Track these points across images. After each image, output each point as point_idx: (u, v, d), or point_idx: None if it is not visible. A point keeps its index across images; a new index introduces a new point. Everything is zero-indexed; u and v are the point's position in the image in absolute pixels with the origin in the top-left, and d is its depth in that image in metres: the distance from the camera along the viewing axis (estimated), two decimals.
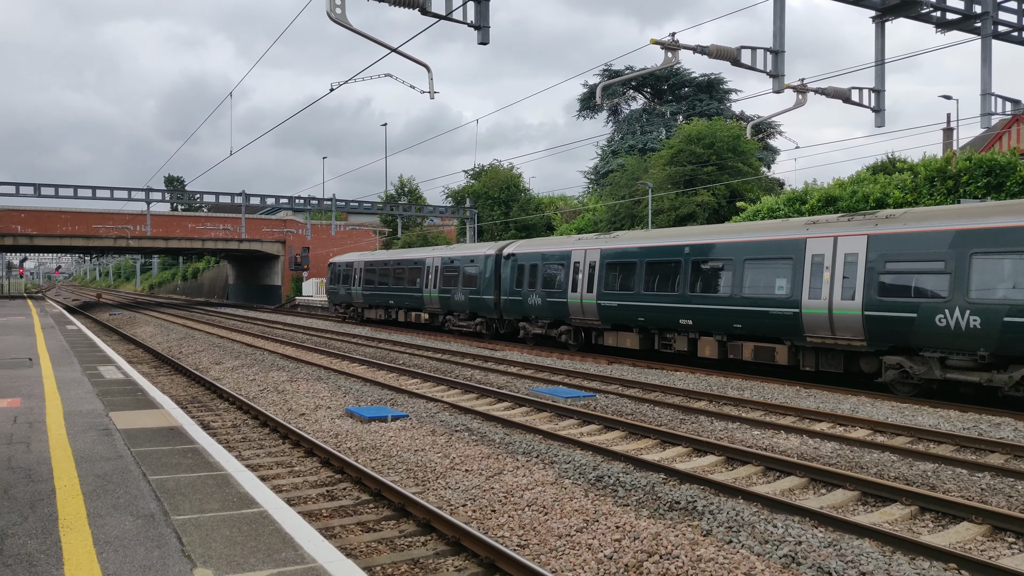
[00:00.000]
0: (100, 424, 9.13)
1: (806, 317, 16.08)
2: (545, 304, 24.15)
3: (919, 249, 14.44)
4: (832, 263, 15.71)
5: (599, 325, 22.17)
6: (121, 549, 4.99)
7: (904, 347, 14.61)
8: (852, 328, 15.28)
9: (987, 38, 13.76)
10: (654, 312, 19.98)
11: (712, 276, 18.47)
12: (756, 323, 17.27)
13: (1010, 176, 21.44)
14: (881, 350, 15.05)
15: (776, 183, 41.37)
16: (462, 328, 29.60)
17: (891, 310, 14.60)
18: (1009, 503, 8.24)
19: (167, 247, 60.83)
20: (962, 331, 13.51)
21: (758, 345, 17.38)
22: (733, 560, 6.35)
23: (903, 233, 14.74)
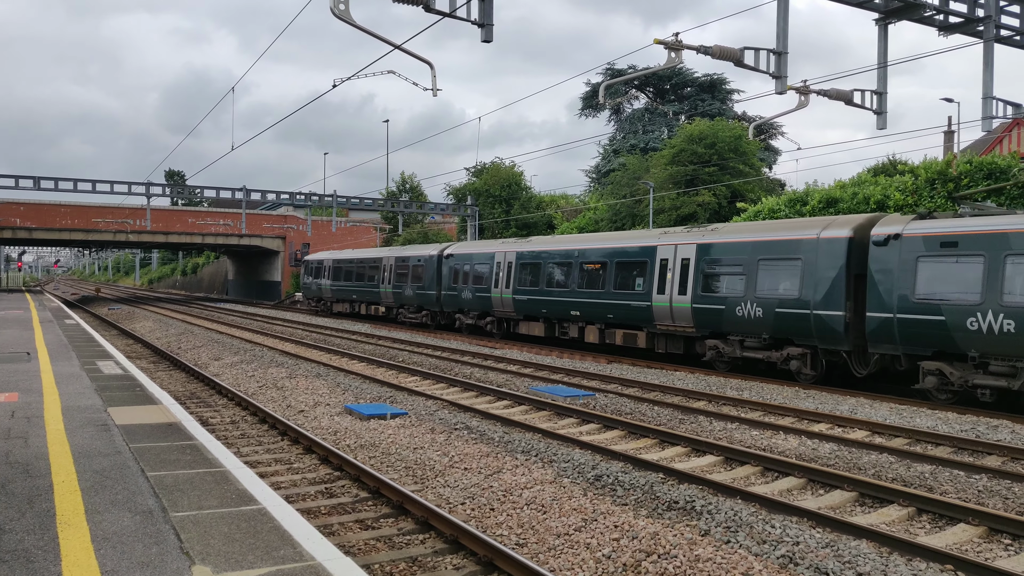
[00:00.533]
0: (98, 419, 9.13)
1: (655, 309, 20.21)
2: (475, 298, 28.26)
3: (728, 256, 18.65)
4: (673, 266, 19.77)
5: (515, 316, 26.31)
6: (119, 546, 4.99)
7: (719, 332, 18.65)
8: (686, 317, 19.38)
9: (989, 42, 13.75)
10: (554, 305, 24.05)
11: (594, 276, 22.44)
12: (623, 314, 21.26)
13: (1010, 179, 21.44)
14: (704, 335, 19.04)
15: (777, 184, 41.36)
16: (411, 319, 33.57)
17: (710, 303, 18.70)
18: (1006, 505, 8.26)
19: (167, 242, 60.78)
20: (752, 319, 17.65)
21: (625, 332, 21.30)
22: (731, 560, 6.36)
23: (719, 243, 18.89)
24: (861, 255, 15.73)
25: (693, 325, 19.11)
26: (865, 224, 16.11)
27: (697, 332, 19.09)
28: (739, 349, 18.13)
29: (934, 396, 14.42)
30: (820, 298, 16.17)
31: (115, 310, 46.41)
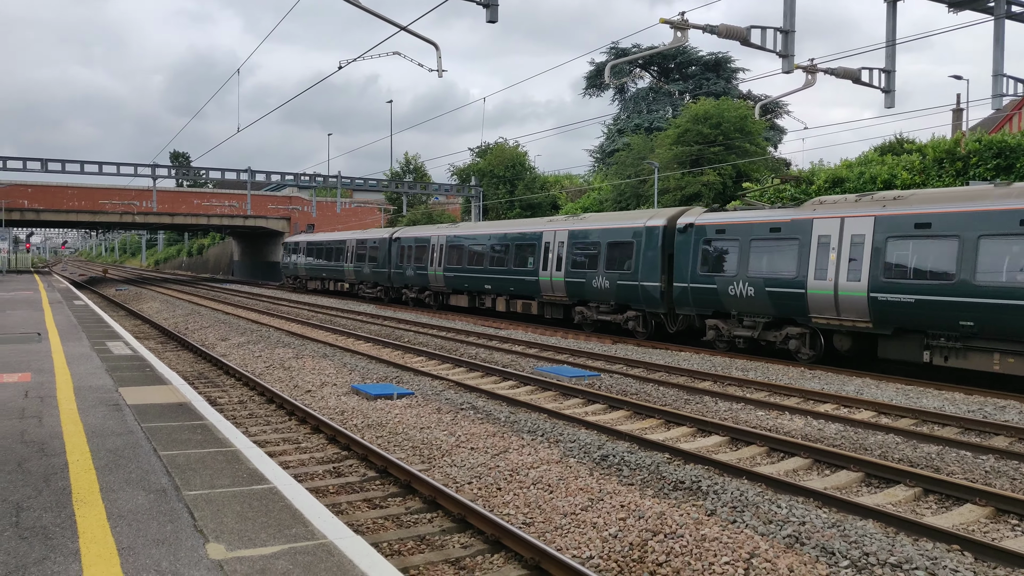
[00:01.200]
0: (110, 399, 9.21)
1: (541, 283, 24.63)
2: (416, 275, 32.99)
3: (587, 239, 23.00)
4: (553, 248, 24.17)
5: (446, 290, 31.00)
6: (135, 523, 5.06)
7: (583, 301, 23.30)
8: (561, 289, 23.86)
9: (1000, 19, 13.61)
10: (473, 280, 28.77)
11: (500, 256, 26.96)
12: (521, 287, 25.72)
13: (1020, 158, 21.28)
14: (575, 303, 23.59)
15: (783, 163, 41.12)
16: (368, 294, 38.08)
17: (576, 278, 23.25)
18: (1013, 485, 8.29)
19: (172, 223, 60.89)
20: (602, 290, 22.19)
21: (523, 301, 25.92)
22: (737, 540, 6.41)
23: (582, 229, 23.24)
24: (672, 239, 20.05)
25: (566, 295, 23.79)
26: (676, 215, 20.45)
27: (569, 301, 23.82)
28: (596, 314, 22.77)
29: (717, 346, 18.95)
30: (645, 272, 20.63)
31: (122, 291, 46.58)
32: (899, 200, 15.10)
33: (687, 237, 19.32)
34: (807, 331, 16.76)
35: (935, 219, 14.12)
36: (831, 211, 16.09)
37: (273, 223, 61.08)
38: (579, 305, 23.41)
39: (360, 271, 38.27)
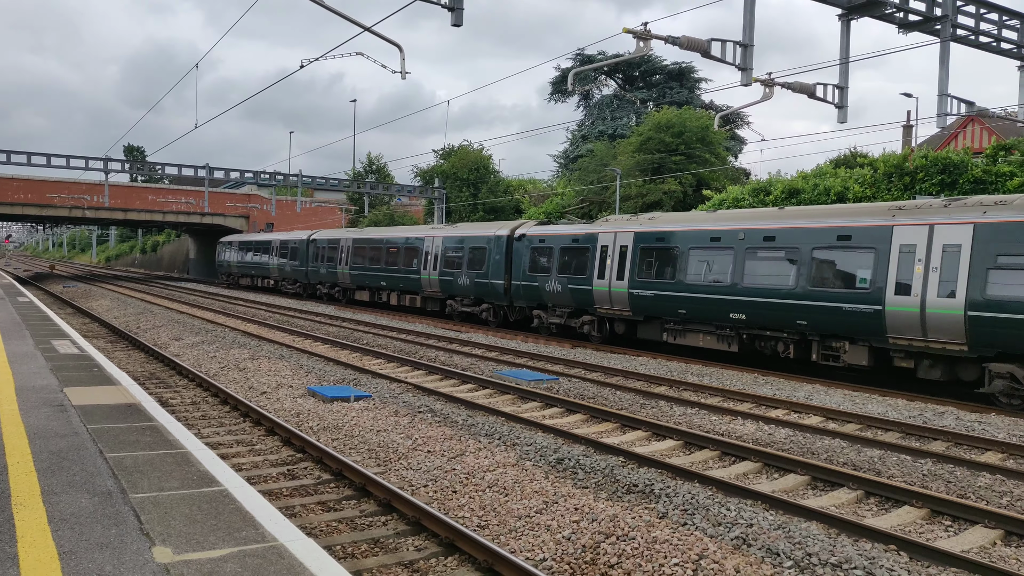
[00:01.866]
0: (54, 400, 9.00)
1: (423, 281, 29.43)
2: (327, 272, 37.22)
3: (455, 245, 28.05)
4: (431, 251, 28.91)
5: (351, 286, 35.45)
6: (77, 527, 4.96)
7: (452, 296, 27.87)
8: (436, 286, 28.63)
9: (945, 41, 14.09)
10: (372, 278, 33.36)
11: (393, 257, 31.80)
12: (409, 284, 30.49)
13: (963, 174, 22.02)
14: (447, 297, 28.43)
15: (743, 173, 41.86)
16: (289, 290, 42.42)
17: (448, 277, 27.84)
18: (948, 488, 8.59)
19: (125, 219, 59.44)
20: (465, 287, 27.30)
21: (411, 296, 30.73)
22: (687, 542, 6.53)
23: (452, 236, 28.25)
24: (512, 246, 24.93)
25: (440, 291, 28.53)
26: (516, 227, 25.37)
27: (443, 295, 28.43)
28: (460, 306, 27.53)
29: (543, 332, 23.83)
30: (494, 272, 25.50)
31: (70, 288, 45.38)
32: (652, 220, 20.77)
33: (521, 245, 24.38)
34: (595, 319, 21.73)
35: (667, 236, 19.60)
36: (610, 227, 21.50)
37: (231, 221, 60.09)
38: (450, 299, 28.25)
39: (283, 269, 42.64)
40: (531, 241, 23.98)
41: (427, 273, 29.02)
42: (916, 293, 14.00)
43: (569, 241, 22.42)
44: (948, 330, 13.52)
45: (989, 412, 12.84)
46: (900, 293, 14.27)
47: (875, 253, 14.72)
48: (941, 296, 13.70)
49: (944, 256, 13.76)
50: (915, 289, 14.03)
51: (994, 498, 8.27)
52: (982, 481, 8.79)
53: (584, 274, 21.51)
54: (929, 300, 13.89)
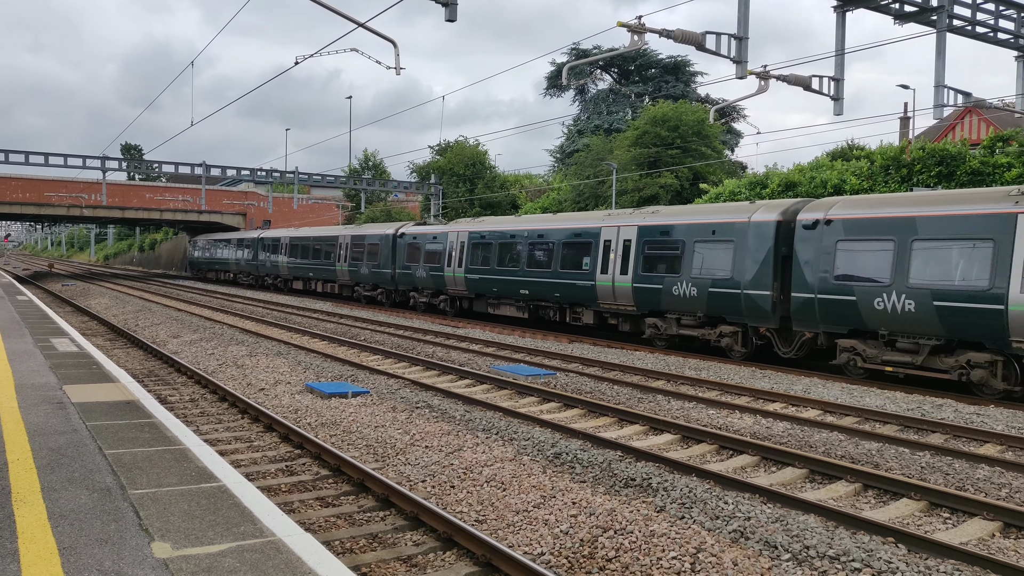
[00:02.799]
0: (54, 397, 9.00)
1: (337, 271, 35.80)
2: (271, 266, 43.83)
3: (361, 242, 33.82)
4: (345, 246, 34.74)
5: (289, 276, 41.85)
6: (76, 523, 4.97)
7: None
8: (346, 276, 34.65)
9: (942, 32, 14.09)
10: (303, 270, 39.82)
11: (316, 252, 37.99)
12: (327, 274, 37.01)
13: (960, 166, 22.03)
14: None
15: (739, 166, 41.86)
16: (244, 281, 48.86)
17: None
18: (946, 480, 8.61)
19: (123, 217, 59.36)
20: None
21: (330, 284, 37.09)
22: (685, 535, 6.55)
23: (358, 235, 34.14)
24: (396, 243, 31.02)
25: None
26: (400, 225, 31.67)
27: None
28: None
29: (447, 313, 27.59)
30: (384, 263, 31.65)
31: (69, 286, 45.33)
32: (481, 222, 25.91)
33: (402, 240, 29.65)
34: (448, 297, 27.31)
35: (487, 235, 25.41)
36: (457, 227, 27.11)
37: (228, 219, 60.02)
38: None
39: (239, 263, 49.22)
40: (407, 238, 30.04)
41: (342, 265, 35.33)
42: (610, 272, 20.26)
43: (431, 239, 28.37)
44: (623, 296, 20.06)
45: (988, 405, 12.87)
46: (603, 272, 20.53)
47: (592, 245, 20.92)
48: (622, 273, 20.03)
49: (623, 246, 20.05)
50: (611, 270, 20.24)
51: (992, 490, 8.29)
52: (980, 473, 8.82)
53: (439, 264, 27.46)
54: (617, 277, 20.19)
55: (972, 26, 15.66)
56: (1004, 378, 13.06)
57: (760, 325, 16.96)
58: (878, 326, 14.37)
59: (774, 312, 16.55)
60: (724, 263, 17.40)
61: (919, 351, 13.90)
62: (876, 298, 14.23)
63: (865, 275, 14.52)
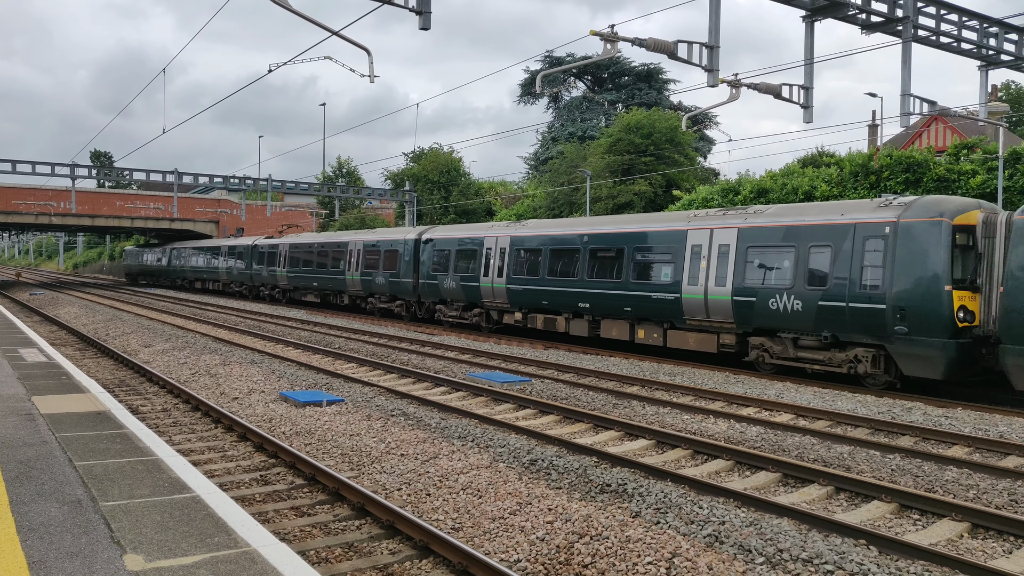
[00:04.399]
0: (22, 408, 8.85)
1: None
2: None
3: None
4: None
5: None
6: (47, 536, 4.90)
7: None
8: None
9: (907, 42, 14.39)
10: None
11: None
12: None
13: (926, 173, 22.47)
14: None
15: (712, 173, 42.29)
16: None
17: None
18: (916, 483, 8.76)
19: (93, 225, 58.42)
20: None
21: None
22: (660, 540, 6.60)
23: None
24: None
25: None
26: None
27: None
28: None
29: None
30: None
31: (37, 295, 44.52)
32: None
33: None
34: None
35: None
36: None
37: (201, 226, 59.33)
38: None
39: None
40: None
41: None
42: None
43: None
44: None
45: (955, 407, 13.12)
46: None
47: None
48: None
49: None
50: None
51: (961, 491, 8.45)
52: (949, 475, 8.98)
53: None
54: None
55: (936, 36, 16.02)
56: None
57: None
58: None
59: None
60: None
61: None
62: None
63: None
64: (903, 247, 13.91)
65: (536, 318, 22.26)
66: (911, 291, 13.76)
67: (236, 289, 46.96)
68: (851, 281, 14.54)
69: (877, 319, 14.13)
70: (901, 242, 13.95)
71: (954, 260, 13.59)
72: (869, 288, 14.26)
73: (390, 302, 30.27)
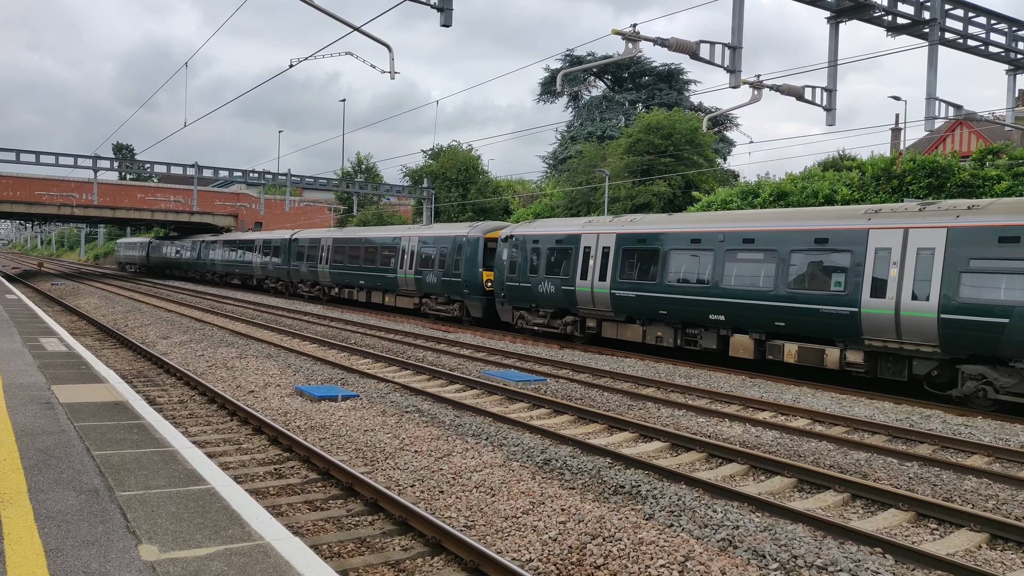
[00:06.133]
0: (42, 397, 8.94)
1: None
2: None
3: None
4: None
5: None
6: (63, 524, 4.94)
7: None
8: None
9: (934, 44, 14.21)
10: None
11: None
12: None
13: (950, 178, 22.20)
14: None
15: (732, 175, 42.03)
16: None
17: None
18: (934, 491, 8.65)
19: (114, 217, 59.07)
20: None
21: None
22: (673, 543, 6.55)
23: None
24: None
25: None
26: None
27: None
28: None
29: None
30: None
31: (58, 285, 45.05)
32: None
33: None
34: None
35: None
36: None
37: (219, 220, 59.82)
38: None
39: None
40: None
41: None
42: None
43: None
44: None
45: (975, 416, 12.95)
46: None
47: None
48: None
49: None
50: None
51: (980, 501, 8.34)
52: (968, 484, 8.87)
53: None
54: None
55: (964, 39, 15.82)
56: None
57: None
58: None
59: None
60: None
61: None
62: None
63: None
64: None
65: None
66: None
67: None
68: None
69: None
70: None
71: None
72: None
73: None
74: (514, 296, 23.17)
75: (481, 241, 25.60)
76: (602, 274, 19.97)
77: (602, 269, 20.03)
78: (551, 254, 21.80)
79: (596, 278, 20.10)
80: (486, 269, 25.27)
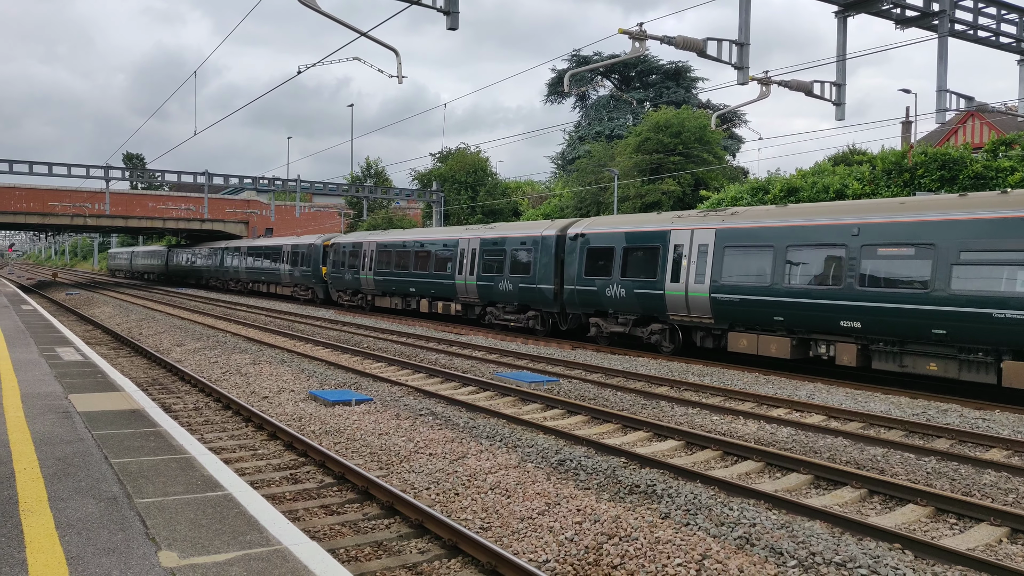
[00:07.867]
0: (59, 406, 9.02)
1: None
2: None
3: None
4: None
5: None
6: (84, 532, 4.99)
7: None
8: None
9: (943, 36, 14.11)
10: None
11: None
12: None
13: (962, 170, 22.03)
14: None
15: (741, 172, 41.89)
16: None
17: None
18: (952, 486, 8.59)
19: (126, 226, 59.47)
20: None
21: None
22: (690, 542, 6.54)
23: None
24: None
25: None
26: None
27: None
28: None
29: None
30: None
31: (73, 295, 45.42)
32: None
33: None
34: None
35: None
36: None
37: (231, 227, 60.11)
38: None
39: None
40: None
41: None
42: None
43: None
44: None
45: (993, 409, 12.85)
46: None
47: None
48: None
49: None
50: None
51: (999, 495, 8.27)
52: (987, 478, 8.80)
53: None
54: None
55: (974, 30, 15.70)
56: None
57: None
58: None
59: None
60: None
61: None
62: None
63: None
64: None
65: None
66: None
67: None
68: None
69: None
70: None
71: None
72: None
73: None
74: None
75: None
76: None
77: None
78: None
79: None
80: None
